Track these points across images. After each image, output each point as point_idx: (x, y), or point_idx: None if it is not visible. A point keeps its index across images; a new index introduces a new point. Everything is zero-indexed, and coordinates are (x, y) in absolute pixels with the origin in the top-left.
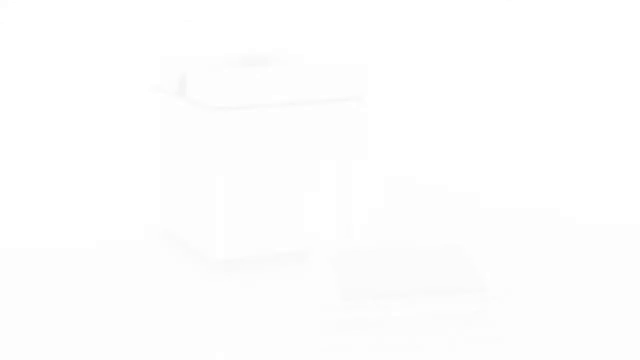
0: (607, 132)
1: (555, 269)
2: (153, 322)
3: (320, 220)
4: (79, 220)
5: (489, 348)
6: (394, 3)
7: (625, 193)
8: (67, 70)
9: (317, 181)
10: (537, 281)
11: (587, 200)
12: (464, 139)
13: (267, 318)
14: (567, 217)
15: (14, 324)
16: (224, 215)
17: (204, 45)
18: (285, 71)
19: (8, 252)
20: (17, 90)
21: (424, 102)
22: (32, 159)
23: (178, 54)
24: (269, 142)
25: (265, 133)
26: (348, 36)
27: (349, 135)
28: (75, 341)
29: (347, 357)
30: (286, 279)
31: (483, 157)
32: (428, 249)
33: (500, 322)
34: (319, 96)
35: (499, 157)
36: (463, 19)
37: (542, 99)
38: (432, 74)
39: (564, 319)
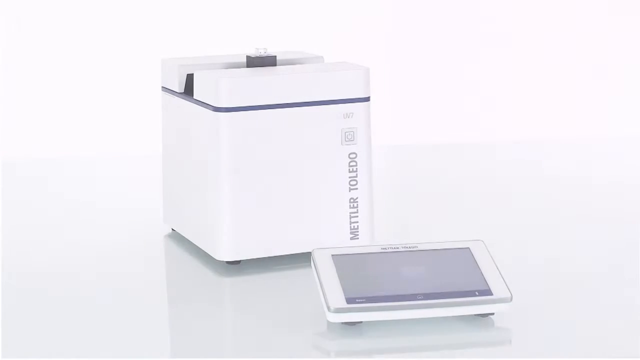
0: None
1: (559, 269)
2: (155, 323)
3: (325, 221)
4: (78, 220)
5: (496, 351)
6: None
7: (627, 195)
8: (68, 70)
9: (320, 182)
10: (541, 282)
11: (588, 199)
12: (465, 138)
13: (271, 320)
14: (567, 216)
15: (15, 325)
16: (229, 217)
17: (209, 45)
18: (288, 72)
19: (7, 253)
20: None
21: (425, 102)
22: (33, 160)
23: (182, 54)
24: (273, 143)
25: (269, 134)
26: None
27: (352, 136)
28: (74, 340)
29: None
30: (289, 280)
31: (484, 156)
32: (434, 249)
33: (505, 324)
34: (322, 97)
35: (500, 158)
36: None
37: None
38: (433, 74)
39: (569, 321)
